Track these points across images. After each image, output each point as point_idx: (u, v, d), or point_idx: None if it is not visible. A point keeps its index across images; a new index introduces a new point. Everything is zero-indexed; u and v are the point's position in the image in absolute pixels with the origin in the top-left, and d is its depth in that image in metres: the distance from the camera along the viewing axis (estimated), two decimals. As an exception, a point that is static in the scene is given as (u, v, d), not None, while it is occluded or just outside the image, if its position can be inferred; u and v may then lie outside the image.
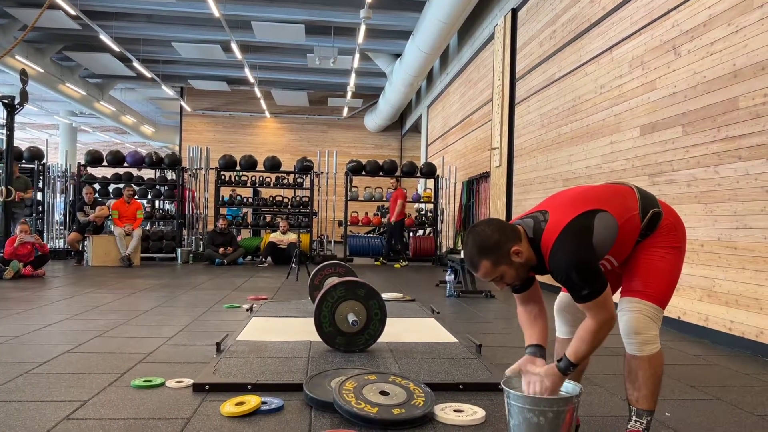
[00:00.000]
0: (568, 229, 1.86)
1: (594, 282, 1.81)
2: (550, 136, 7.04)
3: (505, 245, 1.88)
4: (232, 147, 19.88)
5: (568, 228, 1.86)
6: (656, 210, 2.00)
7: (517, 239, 1.91)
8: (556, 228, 1.88)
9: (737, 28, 3.89)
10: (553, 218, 1.91)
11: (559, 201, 2.02)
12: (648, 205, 2.00)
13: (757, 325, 3.64)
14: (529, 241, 1.93)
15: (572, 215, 1.89)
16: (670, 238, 2.01)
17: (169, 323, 4.27)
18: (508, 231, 1.92)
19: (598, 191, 2.05)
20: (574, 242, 1.84)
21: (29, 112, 22.33)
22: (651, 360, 1.94)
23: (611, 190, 2.05)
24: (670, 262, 2.00)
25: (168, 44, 14.49)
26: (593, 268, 1.83)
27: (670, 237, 2.01)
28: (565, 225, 1.87)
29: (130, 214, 9.52)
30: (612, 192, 2.04)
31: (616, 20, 5.56)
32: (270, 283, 7.14)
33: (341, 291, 3.33)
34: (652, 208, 2.00)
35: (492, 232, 1.91)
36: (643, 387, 1.96)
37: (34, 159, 11.06)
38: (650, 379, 1.95)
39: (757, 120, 3.68)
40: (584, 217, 1.89)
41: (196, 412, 2.33)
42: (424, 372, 2.87)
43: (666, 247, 2.01)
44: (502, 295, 6.48)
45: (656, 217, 2.00)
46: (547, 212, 1.95)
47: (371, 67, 15.98)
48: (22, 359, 3.12)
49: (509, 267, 1.91)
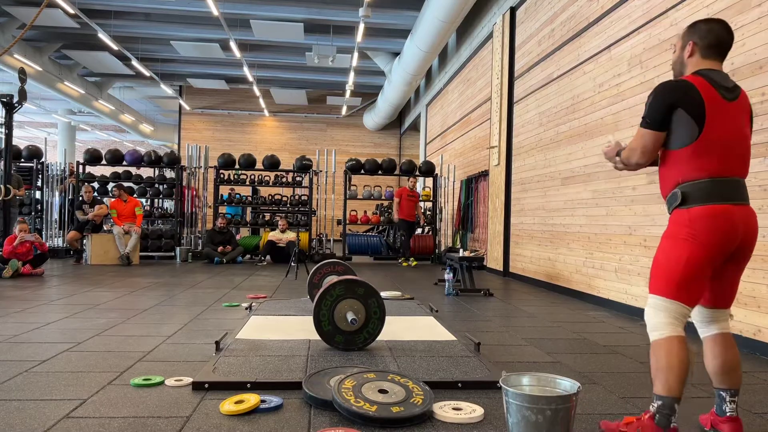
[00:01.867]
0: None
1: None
2: (549, 135, 7.05)
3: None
4: (231, 145, 19.89)
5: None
6: (677, 192, 2.08)
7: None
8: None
9: (735, 27, 3.89)
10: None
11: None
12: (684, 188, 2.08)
13: (754, 323, 3.65)
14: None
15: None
16: (675, 227, 2.08)
17: (168, 322, 4.28)
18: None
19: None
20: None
21: (28, 110, 22.32)
22: (653, 346, 2.06)
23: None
24: (666, 252, 2.07)
25: (167, 43, 14.48)
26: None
27: (676, 227, 2.07)
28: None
29: (128, 212, 9.52)
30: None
31: (614, 19, 5.56)
32: (269, 282, 7.15)
33: (340, 289, 3.33)
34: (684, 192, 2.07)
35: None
36: (653, 371, 2.06)
37: (32, 157, 11.05)
38: (655, 364, 2.04)
39: (755, 119, 3.69)
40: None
41: (195, 410, 2.34)
42: (423, 370, 2.88)
43: (667, 238, 2.10)
44: (501, 293, 6.49)
45: (672, 199, 2.10)
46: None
47: (370, 65, 15.98)
48: (21, 358, 3.12)
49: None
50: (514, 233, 8.35)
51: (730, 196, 2.04)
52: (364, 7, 9.86)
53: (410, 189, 10.47)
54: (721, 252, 2.04)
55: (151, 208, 11.48)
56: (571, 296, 6.26)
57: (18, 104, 8.26)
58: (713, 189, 2.03)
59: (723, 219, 2.02)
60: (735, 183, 2.07)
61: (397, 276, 8.22)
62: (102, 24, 12.56)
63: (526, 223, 7.83)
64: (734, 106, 2.08)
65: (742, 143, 2.10)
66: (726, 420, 2.15)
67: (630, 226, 5.16)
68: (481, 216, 10.24)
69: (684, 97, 2.05)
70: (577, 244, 6.22)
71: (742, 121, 2.10)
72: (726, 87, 2.09)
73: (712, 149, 2.04)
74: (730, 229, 2.02)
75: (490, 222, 9.38)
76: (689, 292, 2.04)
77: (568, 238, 6.46)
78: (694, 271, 2.02)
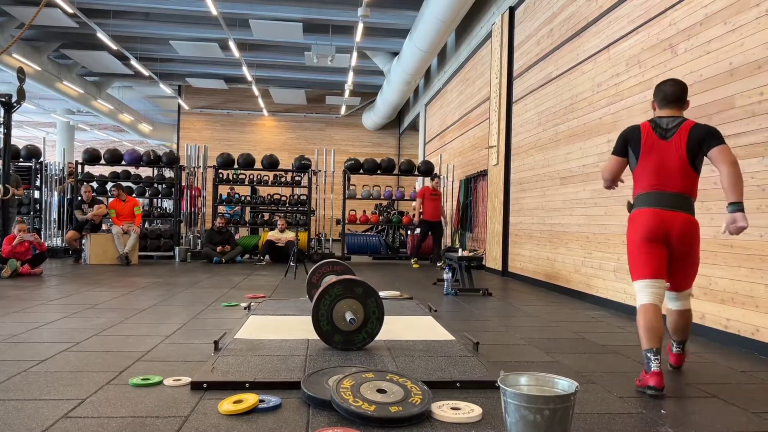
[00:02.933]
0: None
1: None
2: (548, 135, 7.05)
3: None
4: (230, 145, 19.88)
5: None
6: (632, 201, 3.02)
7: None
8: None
9: (734, 26, 3.90)
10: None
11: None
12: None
13: (752, 323, 3.66)
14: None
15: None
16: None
17: (167, 321, 4.28)
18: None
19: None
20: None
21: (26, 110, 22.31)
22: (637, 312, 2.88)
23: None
24: (627, 248, 2.97)
25: (166, 42, 14.48)
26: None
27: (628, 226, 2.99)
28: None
29: (127, 212, 9.51)
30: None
31: (613, 19, 5.57)
32: (268, 282, 7.15)
33: (339, 289, 3.33)
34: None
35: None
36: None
37: (31, 157, 11.04)
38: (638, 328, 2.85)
39: (753, 119, 3.70)
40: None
41: (193, 410, 2.34)
42: (422, 370, 2.88)
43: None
44: (500, 293, 6.49)
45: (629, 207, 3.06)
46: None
47: (369, 65, 15.98)
48: (19, 358, 3.12)
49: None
50: (512, 233, 8.36)
51: (656, 203, 2.85)
52: (363, 7, 9.86)
53: (433, 188, 9.99)
54: (647, 237, 2.84)
55: (150, 208, 11.48)
56: (569, 296, 6.27)
57: (17, 104, 8.25)
58: (644, 199, 2.91)
59: (645, 217, 2.86)
60: (665, 195, 2.85)
61: (396, 276, 8.22)
62: (101, 23, 12.55)
63: (524, 222, 7.83)
64: (668, 143, 2.86)
65: (673, 166, 2.84)
66: (673, 355, 3.19)
67: (628, 225, 5.16)
68: (480, 216, 10.24)
69: (631, 136, 2.98)
70: (575, 244, 6.22)
71: (675, 153, 2.84)
72: (665, 129, 2.89)
73: (647, 172, 2.90)
74: (651, 225, 2.83)
75: (489, 222, 9.38)
76: (642, 267, 2.85)
77: (566, 238, 6.46)
78: (637, 255, 2.87)
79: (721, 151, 2.74)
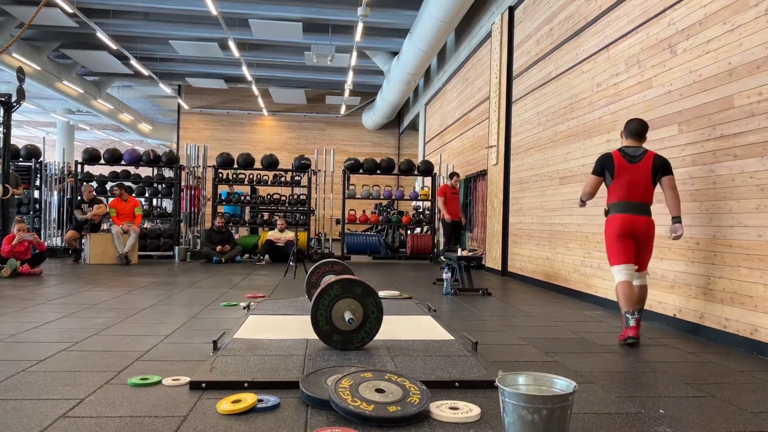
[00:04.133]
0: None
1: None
2: (547, 134, 7.05)
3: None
4: (229, 145, 19.87)
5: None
6: (607, 209, 4.09)
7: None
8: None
9: (732, 26, 3.90)
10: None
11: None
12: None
13: (751, 323, 3.66)
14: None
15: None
16: (605, 226, 4.06)
17: (166, 321, 4.28)
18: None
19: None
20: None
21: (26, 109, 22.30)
22: (616, 288, 3.92)
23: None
24: (605, 241, 4.04)
25: (165, 42, 14.47)
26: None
27: (605, 225, 4.05)
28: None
29: (128, 211, 9.52)
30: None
31: (612, 18, 5.57)
32: (267, 281, 7.15)
33: (338, 289, 3.33)
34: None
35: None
36: (618, 300, 3.93)
37: (31, 157, 11.05)
38: (618, 297, 3.90)
39: (752, 118, 3.70)
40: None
41: (192, 410, 2.34)
42: (420, 370, 2.88)
43: (604, 233, 4.07)
44: (499, 292, 6.50)
45: (606, 211, 4.09)
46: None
47: (369, 65, 15.98)
48: (18, 357, 3.12)
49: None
50: (512, 232, 8.36)
51: (627, 210, 3.90)
52: (363, 7, 9.86)
53: (452, 186, 9.70)
54: (620, 232, 3.89)
55: (149, 208, 11.48)
56: (569, 295, 6.27)
57: (16, 103, 8.25)
58: (618, 206, 3.94)
59: (619, 220, 3.91)
60: (633, 204, 3.90)
61: (395, 275, 8.22)
62: (101, 23, 12.55)
63: (524, 222, 7.84)
64: (635, 166, 3.90)
65: (639, 183, 3.89)
66: (631, 326, 3.84)
67: (628, 225, 5.17)
68: (480, 215, 10.24)
69: (607, 161, 3.99)
70: (575, 244, 6.22)
71: (642, 173, 3.89)
72: (631, 156, 3.93)
73: (619, 187, 3.94)
74: (624, 226, 3.89)
75: (489, 221, 9.38)
76: (618, 254, 3.91)
77: (566, 238, 6.46)
78: (614, 247, 3.93)
79: (669, 179, 3.89)
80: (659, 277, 4.68)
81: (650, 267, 4.69)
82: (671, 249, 4.53)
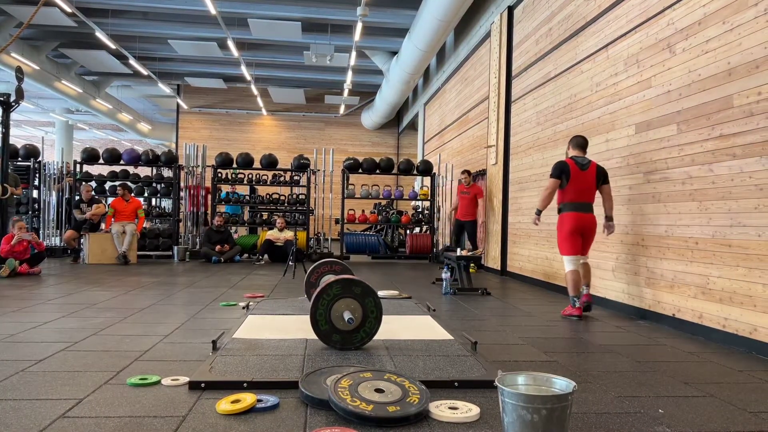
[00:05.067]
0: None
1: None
2: (546, 134, 7.05)
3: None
4: (228, 144, 19.87)
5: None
6: (560, 207, 4.98)
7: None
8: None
9: (732, 26, 3.90)
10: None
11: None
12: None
13: (750, 323, 3.66)
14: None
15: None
16: (558, 222, 4.97)
17: (165, 321, 4.28)
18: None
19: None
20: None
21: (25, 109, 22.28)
22: (566, 276, 4.90)
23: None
24: (558, 234, 4.96)
25: (164, 41, 14.46)
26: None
27: (558, 222, 4.97)
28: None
29: (128, 212, 9.51)
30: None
31: (611, 18, 5.57)
32: (266, 281, 7.15)
33: (337, 289, 3.33)
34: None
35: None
36: (567, 286, 4.91)
37: (29, 156, 11.03)
38: (568, 283, 4.87)
39: (751, 118, 3.70)
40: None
41: (191, 410, 2.34)
42: (420, 369, 2.88)
43: (557, 228, 4.99)
44: (498, 292, 6.50)
45: (558, 209, 4.97)
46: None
47: (368, 64, 15.97)
48: (17, 357, 3.12)
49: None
50: (511, 232, 8.36)
51: (577, 209, 4.82)
52: (362, 6, 9.85)
53: (461, 183, 9.47)
54: (573, 230, 4.81)
55: (148, 207, 11.47)
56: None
57: (15, 103, 8.24)
58: (571, 206, 4.84)
59: (571, 218, 4.81)
60: (583, 204, 4.83)
61: (394, 275, 8.22)
62: (99, 23, 12.54)
63: (523, 222, 7.83)
64: (585, 173, 4.82)
65: (588, 187, 4.83)
66: (585, 295, 4.85)
67: (626, 225, 5.17)
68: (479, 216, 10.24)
69: (565, 168, 4.85)
70: (574, 243, 6.22)
71: (590, 179, 4.83)
72: (581, 164, 4.83)
73: (572, 190, 4.83)
74: (573, 222, 4.81)
75: (488, 221, 9.38)
76: (571, 248, 4.83)
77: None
78: (567, 240, 4.84)
79: (608, 187, 4.91)
80: (658, 276, 4.69)
81: (652, 267, 4.76)
82: (670, 249, 4.53)
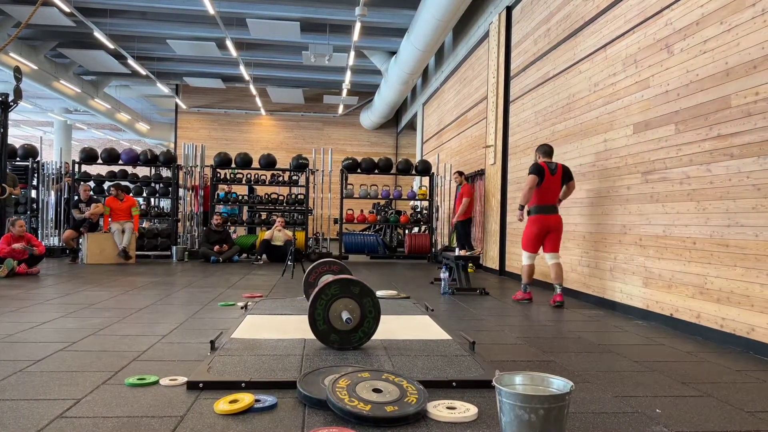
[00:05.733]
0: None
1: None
2: (545, 134, 7.06)
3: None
4: (227, 144, 19.87)
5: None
6: (530, 209, 5.58)
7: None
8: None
9: (729, 26, 3.91)
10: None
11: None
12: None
13: (748, 322, 3.67)
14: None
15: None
16: (527, 222, 5.54)
17: (163, 321, 4.28)
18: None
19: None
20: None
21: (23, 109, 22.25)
22: (522, 268, 5.63)
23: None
24: (524, 232, 5.56)
25: (163, 41, 14.45)
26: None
27: (527, 222, 5.54)
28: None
29: (123, 210, 9.51)
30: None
31: (609, 18, 5.57)
32: (265, 281, 7.15)
33: (335, 289, 3.33)
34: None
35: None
36: (522, 276, 5.67)
37: (28, 156, 11.02)
38: (523, 274, 5.63)
39: (749, 118, 3.71)
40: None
41: (189, 410, 2.34)
42: (418, 369, 2.89)
43: (526, 226, 5.57)
44: (497, 292, 6.50)
45: (529, 211, 5.57)
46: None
47: (367, 64, 15.97)
48: (15, 357, 3.12)
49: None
50: (510, 232, 8.36)
51: (544, 212, 5.40)
52: (361, 6, 9.85)
53: (458, 184, 9.51)
54: (539, 231, 5.40)
55: (147, 207, 11.46)
56: (566, 295, 6.26)
57: (13, 103, 8.23)
58: (538, 209, 5.43)
59: (538, 221, 5.40)
60: (549, 206, 5.41)
61: (393, 275, 8.22)
62: (98, 22, 12.52)
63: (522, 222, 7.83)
64: (554, 177, 5.38)
65: (554, 189, 5.41)
66: (556, 295, 5.32)
67: (625, 225, 5.18)
68: (478, 215, 10.24)
69: (541, 169, 5.36)
70: (572, 243, 6.23)
71: (557, 181, 5.39)
72: (552, 168, 5.38)
73: (541, 193, 5.38)
74: (539, 225, 5.40)
75: (486, 221, 9.39)
76: (531, 246, 5.47)
77: (563, 237, 6.46)
78: (531, 239, 5.45)
79: (573, 183, 5.53)
80: (656, 276, 4.69)
81: (650, 267, 4.76)
82: (668, 249, 4.54)
